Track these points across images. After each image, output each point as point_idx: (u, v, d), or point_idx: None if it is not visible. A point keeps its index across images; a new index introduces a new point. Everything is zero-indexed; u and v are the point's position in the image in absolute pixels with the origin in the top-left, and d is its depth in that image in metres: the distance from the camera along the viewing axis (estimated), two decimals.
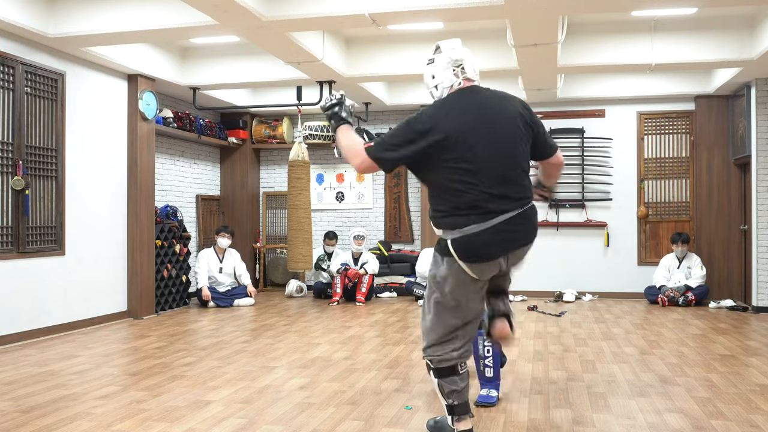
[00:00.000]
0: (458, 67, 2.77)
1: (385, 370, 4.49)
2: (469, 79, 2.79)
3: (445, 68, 2.78)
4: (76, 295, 6.26)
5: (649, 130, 8.60)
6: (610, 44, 6.63)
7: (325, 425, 3.31)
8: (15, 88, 5.59)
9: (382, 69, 7.11)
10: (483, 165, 2.64)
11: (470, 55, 2.82)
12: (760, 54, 6.24)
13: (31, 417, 3.47)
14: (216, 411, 3.56)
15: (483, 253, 2.68)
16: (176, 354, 5.08)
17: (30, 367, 4.65)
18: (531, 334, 5.89)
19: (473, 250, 2.67)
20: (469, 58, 2.80)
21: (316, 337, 5.78)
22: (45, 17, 5.63)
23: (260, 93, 9.06)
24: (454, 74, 2.77)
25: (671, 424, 3.33)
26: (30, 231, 5.73)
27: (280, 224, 9.76)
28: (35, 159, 5.81)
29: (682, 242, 7.95)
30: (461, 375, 2.87)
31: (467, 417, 2.88)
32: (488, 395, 3.69)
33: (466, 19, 5.69)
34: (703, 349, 5.21)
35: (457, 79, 2.77)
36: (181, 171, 8.54)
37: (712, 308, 7.62)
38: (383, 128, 9.38)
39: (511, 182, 2.69)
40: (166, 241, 7.51)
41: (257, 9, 5.05)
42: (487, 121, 2.69)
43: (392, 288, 8.75)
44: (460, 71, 2.77)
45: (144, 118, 7.09)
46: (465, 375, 2.89)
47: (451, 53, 2.79)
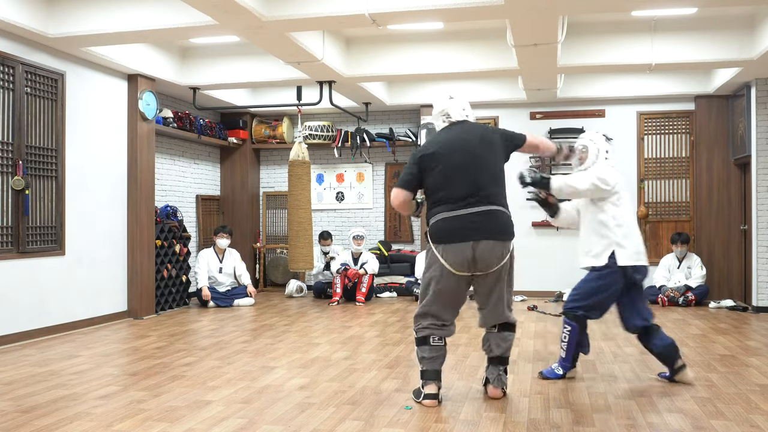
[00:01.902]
0: (444, 115, 3.83)
1: (385, 370, 4.49)
2: (452, 121, 3.80)
3: (436, 118, 3.90)
4: (76, 295, 6.26)
5: (649, 130, 8.60)
6: (610, 44, 6.63)
7: (325, 425, 3.31)
8: (15, 88, 5.59)
9: (382, 69, 7.11)
10: (454, 171, 3.58)
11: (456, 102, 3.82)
12: (760, 54, 6.24)
13: (31, 417, 3.47)
14: (216, 411, 3.56)
15: (446, 235, 3.54)
16: (176, 354, 5.08)
17: (30, 367, 4.65)
18: (531, 334, 5.89)
19: (440, 233, 3.57)
20: (453, 106, 3.81)
21: (316, 337, 5.78)
22: (45, 17, 5.63)
23: (260, 93, 9.06)
24: (442, 121, 3.85)
25: (671, 424, 3.33)
26: (30, 231, 5.73)
27: (280, 224, 9.76)
28: (35, 159, 5.81)
29: (682, 242, 7.95)
30: (432, 347, 3.65)
31: (433, 383, 3.65)
32: (553, 370, 4.24)
33: (466, 19, 5.69)
34: (703, 349, 5.21)
35: (443, 123, 3.84)
36: (181, 171, 8.54)
37: (712, 308, 7.62)
38: (383, 128, 9.38)
39: (479, 185, 3.55)
40: (166, 241, 7.51)
41: (257, 9, 5.05)
42: (460, 141, 3.67)
43: (392, 288, 8.75)
44: (445, 118, 3.83)
45: (144, 118, 7.09)
46: (437, 348, 3.65)
47: (440, 107, 3.85)
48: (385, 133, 9.19)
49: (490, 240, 3.51)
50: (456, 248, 3.52)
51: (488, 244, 3.51)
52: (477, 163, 3.59)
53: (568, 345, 4.18)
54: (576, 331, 4.14)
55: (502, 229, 3.57)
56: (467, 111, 3.84)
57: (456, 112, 3.80)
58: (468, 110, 3.84)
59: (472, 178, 3.56)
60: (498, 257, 3.55)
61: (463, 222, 3.52)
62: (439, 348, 3.66)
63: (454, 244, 3.52)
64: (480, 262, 3.53)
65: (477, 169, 3.58)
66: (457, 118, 3.79)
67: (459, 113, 3.80)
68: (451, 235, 3.53)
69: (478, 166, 3.59)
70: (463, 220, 3.52)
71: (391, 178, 9.41)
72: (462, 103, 3.85)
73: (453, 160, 3.59)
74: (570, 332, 4.16)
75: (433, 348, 3.65)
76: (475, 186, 3.55)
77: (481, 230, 3.52)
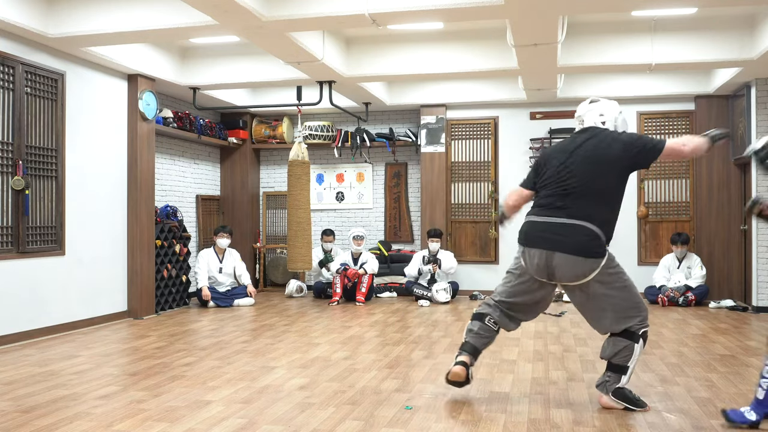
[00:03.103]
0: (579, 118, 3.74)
1: (385, 370, 4.49)
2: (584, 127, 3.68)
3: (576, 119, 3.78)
4: (76, 295, 6.26)
5: (649, 130, 8.60)
6: (610, 44, 6.63)
7: (325, 425, 3.31)
8: (15, 88, 5.59)
9: (382, 69, 7.11)
10: (549, 182, 3.56)
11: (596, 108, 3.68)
12: (760, 54, 6.24)
13: (31, 417, 3.47)
14: (216, 411, 3.56)
15: (523, 238, 3.59)
16: (176, 354, 5.08)
17: (30, 367, 4.65)
18: (531, 334, 5.89)
19: (521, 233, 3.62)
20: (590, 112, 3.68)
21: (316, 337, 5.78)
22: (45, 17, 5.63)
23: (260, 93, 9.06)
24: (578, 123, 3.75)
25: (671, 424, 3.33)
26: (30, 231, 5.73)
27: (280, 224, 9.76)
28: (35, 159, 5.81)
29: (682, 243, 7.95)
30: (483, 325, 3.70)
31: (468, 354, 3.70)
32: (742, 414, 3.26)
33: (466, 19, 5.69)
34: (703, 349, 5.21)
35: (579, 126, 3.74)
36: (181, 171, 8.54)
37: (712, 308, 7.62)
38: (383, 128, 9.38)
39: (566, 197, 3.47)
40: (166, 241, 7.51)
41: (257, 9, 5.05)
42: (568, 148, 3.59)
43: (392, 288, 8.75)
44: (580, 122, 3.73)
45: (144, 118, 7.09)
46: (487, 328, 3.70)
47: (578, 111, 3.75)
48: (385, 133, 9.19)
49: (561, 254, 3.42)
50: (532, 255, 3.52)
51: (561, 258, 3.43)
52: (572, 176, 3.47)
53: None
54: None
55: (574, 244, 3.41)
56: (607, 117, 3.64)
57: (590, 117, 3.66)
58: (609, 116, 3.64)
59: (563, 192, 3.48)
60: (569, 271, 3.44)
61: (538, 232, 3.51)
62: (490, 330, 3.69)
63: (530, 250, 3.53)
64: (551, 273, 3.50)
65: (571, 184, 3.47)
66: (588, 124, 3.65)
67: (593, 119, 3.65)
68: (524, 240, 3.58)
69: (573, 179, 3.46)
70: (538, 228, 3.52)
71: (391, 178, 9.41)
72: (602, 108, 3.66)
73: (549, 172, 3.57)
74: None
75: (483, 326, 3.69)
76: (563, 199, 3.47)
77: (550, 241, 3.46)
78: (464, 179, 9.01)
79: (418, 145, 9.15)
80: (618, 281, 3.48)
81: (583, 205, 3.43)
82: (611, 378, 3.55)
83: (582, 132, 3.65)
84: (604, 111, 3.65)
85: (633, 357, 3.49)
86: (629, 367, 3.51)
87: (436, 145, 8.92)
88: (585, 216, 3.42)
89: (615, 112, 3.67)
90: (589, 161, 3.47)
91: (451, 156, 9.01)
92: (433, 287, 8.04)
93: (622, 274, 3.52)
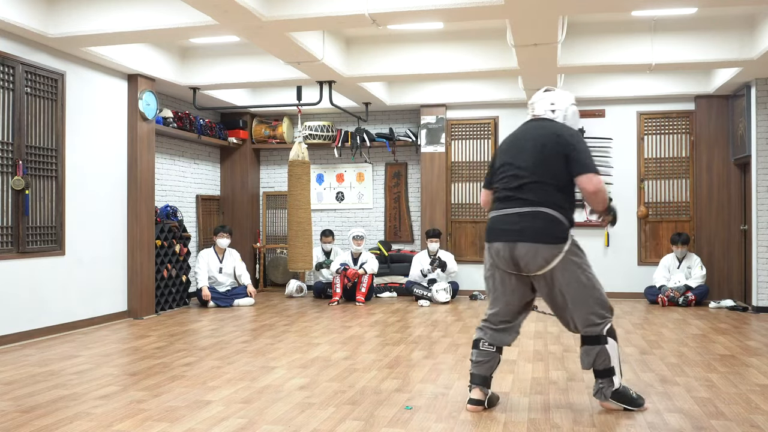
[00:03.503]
0: (531, 105, 3.67)
1: (385, 370, 4.49)
2: (534, 116, 3.63)
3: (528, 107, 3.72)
4: (76, 295, 6.26)
5: (649, 130, 8.60)
6: (610, 44, 6.63)
7: (325, 425, 3.31)
8: (15, 88, 5.59)
9: (382, 69, 7.11)
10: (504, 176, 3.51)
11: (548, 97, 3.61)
12: (760, 54, 6.24)
13: (31, 417, 3.47)
14: (216, 411, 3.56)
15: (486, 234, 3.55)
16: (176, 354, 5.08)
17: (30, 367, 4.65)
18: (531, 334, 5.89)
19: (486, 231, 3.58)
20: (542, 101, 3.61)
21: (316, 337, 5.77)
22: (45, 17, 5.63)
23: (260, 93, 9.06)
24: (530, 111, 3.69)
25: (671, 424, 3.33)
26: (30, 231, 5.73)
27: (280, 224, 9.76)
28: (35, 159, 5.81)
29: (682, 243, 7.95)
30: (479, 351, 3.58)
31: (477, 388, 3.57)
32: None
33: (466, 19, 5.69)
34: (703, 349, 5.21)
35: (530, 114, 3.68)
36: (181, 171, 8.54)
37: (712, 308, 7.62)
38: (383, 128, 9.38)
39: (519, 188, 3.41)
40: (166, 241, 7.51)
41: (257, 9, 5.05)
42: (516, 141, 3.56)
43: (392, 288, 8.75)
44: (531, 109, 3.66)
45: (144, 118, 7.09)
46: (483, 353, 3.57)
47: (532, 98, 3.68)
48: (385, 133, 9.19)
49: (522, 244, 3.34)
50: (494, 249, 3.46)
51: (522, 249, 3.34)
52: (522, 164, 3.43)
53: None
54: None
55: (533, 231, 3.34)
56: (557, 107, 3.56)
57: (541, 106, 3.59)
58: (559, 106, 3.56)
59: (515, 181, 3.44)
60: (530, 260, 3.36)
61: (497, 224, 3.46)
62: (488, 353, 3.55)
63: (492, 245, 3.47)
64: (514, 263, 3.41)
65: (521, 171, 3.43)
66: (538, 112, 3.59)
67: (544, 107, 3.57)
68: (488, 236, 3.52)
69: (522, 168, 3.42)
70: (498, 222, 3.47)
71: (391, 177, 9.41)
72: (554, 97, 3.59)
73: (500, 162, 3.55)
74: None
75: (481, 352, 3.56)
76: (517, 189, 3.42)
77: (509, 233, 3.39)
78: (464, 179, 9.01)
79: (418, 145, 9.15)
80: (582, 274, 3.39)
81: (539, 192, 3.37)
82: (604, 383, 3.50)
83: (530, 122, 3.63)
84: (555, 100, 3.57)
85: (612, 356, 3.43)
86: (614, 367, 3.45)
87: (436, 145, 8.93)
88: (541, 202, 3.36)
89: (567, 103, 3.58)
90: (537, 150, 3.42)
91: (451, 156, 9.01)
92: (433, 287, 8.04)
93: (588, 268, 3.44)
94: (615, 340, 3.45)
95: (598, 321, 3.41)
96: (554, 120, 3.56)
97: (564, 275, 3.38)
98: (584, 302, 3.40)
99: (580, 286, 3.39)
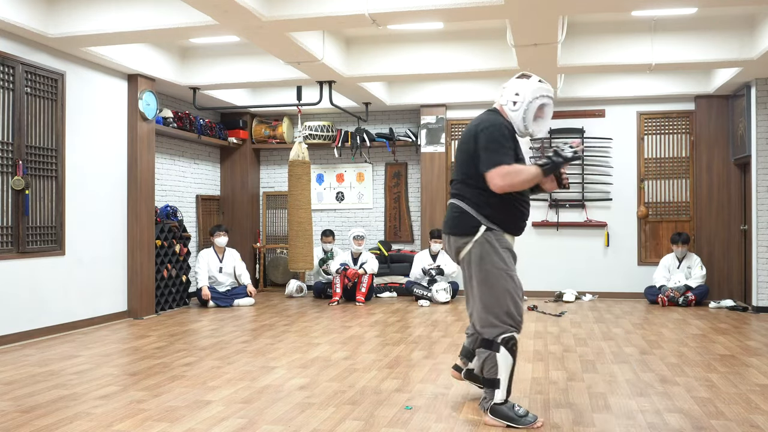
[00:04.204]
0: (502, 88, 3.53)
1: (385, 370, 4.49)
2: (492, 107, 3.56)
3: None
4: (76, 295, 6.26)
5: (649, 130, 8.60)
6: (610, 44, 6.63)
7: (325, 425, 3.31)
8: (15, 88, 5.59)
9: (382, 69, 7.11)
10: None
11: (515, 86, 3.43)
12: (760, 54, 6.24)
13: (31, 417, 3.47)
14: (216, 411, 3.56)
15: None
16: (176, 354, 5.08)
17: (30, 367, 4.65)
18: (531, 334, 5.89)
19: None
20: (507, 89, 3.46)
21: (316, 337, 5.78)
22: (45, 17, 5.63)
23: (260, 93, 9.06)
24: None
25: (671, 424, 3.33)
26: (30, 231, 5.73)
27: (280, 224, 9.76)
28: (35, 159, 5.81)
29: (682, 243, 7.95)
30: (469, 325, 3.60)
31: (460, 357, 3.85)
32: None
33: (466, 19, 5.69)
34: (703, 349, 5.21)
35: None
36: (181, 171, 8.54)
37: (712, 308, 7.62)
38: (383, 128, 9.38)
39: (451, 182, 3.54)
40: (166, 241, 7.51)
41: (257, 9, 5.05)
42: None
43: (392, 288, 8.75)
44: (499, 95, 3.52)
45: (144, 118, 7.09)
46: (469, 328, 3.64)
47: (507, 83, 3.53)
48: (385, 133, 9.19)
49: (447, 235, 3.50)
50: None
51: (445, 237, 3.53)
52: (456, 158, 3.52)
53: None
54: None
55: (451, 222, 3.44)
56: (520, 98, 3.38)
57: (506, 95, 3.46)
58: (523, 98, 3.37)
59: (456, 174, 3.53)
60: (453, 253, 3.49)
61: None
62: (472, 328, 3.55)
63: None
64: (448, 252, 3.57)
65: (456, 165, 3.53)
66: (500, 101, 3.48)
67: (507, 97, 3.43)
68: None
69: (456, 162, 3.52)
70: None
71: (391, 177, 9.41)
72: (521, 87, 3.40)
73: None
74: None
75: (469, 327, 3.68)
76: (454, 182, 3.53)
77: (444, 224, 3.56)
78: None
79: (418, 145, 9.15)
80: (490, 272, 3.29)
81: (458, 186, 3.46)
82: (487, 395, 3.35)
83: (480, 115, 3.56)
84: (521, 90, 3.38)
85: (500, 368, 3.25)
86: (500, 380, 3.26)
87: (436, 145, 8.92)
88: (458, 195, 3.44)
89: (531, 96, 3.36)
90: (459, 147, 3.49)
91: (451, 156, 9.01)
92: (433, 287, 8.05)
93: (501, 270, 3.29)
94: (511, 355, 3.27)
95: (496, 323, 3.28)
96: (501, 111, 3.44)
97: (474, 268, 3.34)
98: (486, 301, 3.30)
99: (486, 285, 3.30)
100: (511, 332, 3.28)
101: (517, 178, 3.22)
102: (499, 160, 3.23)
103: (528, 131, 3.42)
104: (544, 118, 3.44)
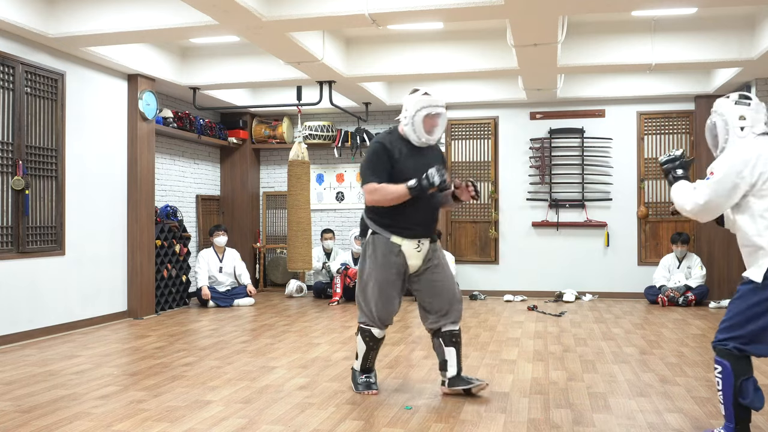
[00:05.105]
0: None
1: (385, 370, 4.49)
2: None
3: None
4: (76, 295, 6.26)
5: (649, 130, 8.60)
6: (610, 44, 6.63)
7: (325, 425, 3.31)
8: (15, 88, 5.59)
9: (382, 69, 7.11)
10: None
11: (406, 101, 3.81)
12: (760, 54, 6.24)
13: (31, 417, 3.47)
14: (216, 411, 3.56)
15: None
16: (176, 354, 5.08)
17: (30, 367, 4.65)
18: (531, 334, 5.89)
19: None
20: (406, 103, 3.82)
21: (316, 337, 5.78)
22: (45, 17, 5.63)
23: (260, 93, 9.06)
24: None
25: (671, 424, 3.33)
26: (30, 231, 5.73)
27: (280, 224, 9.76)
28: (35, 159, 5.81)
29: (682, 242, 7.95)
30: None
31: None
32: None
33: (466, 19, 5.69)
34: (703, 349, 5.21)
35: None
36: (181, 171, 8.54)
37: (712, 308, 7.62)
38: (383, 128, 9.38)
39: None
40: (166, 241, 7.51)
41: (257, 9, 5.05)
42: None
43: None
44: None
45: (144, 118, 7.09)
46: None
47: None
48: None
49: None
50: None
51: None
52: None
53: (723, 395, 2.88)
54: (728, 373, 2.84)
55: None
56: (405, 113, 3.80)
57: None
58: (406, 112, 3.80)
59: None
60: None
61: None
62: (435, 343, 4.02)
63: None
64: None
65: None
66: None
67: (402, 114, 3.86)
68: None
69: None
70: None
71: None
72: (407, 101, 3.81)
73: None
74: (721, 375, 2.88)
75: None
76: None
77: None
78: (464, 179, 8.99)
79: None
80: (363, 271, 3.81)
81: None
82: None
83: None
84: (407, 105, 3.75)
85: (358, 348, 3.91)
86: (357, 353, 3.93)
87: None
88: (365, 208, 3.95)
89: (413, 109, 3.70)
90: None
91: (451, 156, 9.01)
92: None
93: (368, 271, 3.77)
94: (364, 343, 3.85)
95: (359, 313, 3.88)
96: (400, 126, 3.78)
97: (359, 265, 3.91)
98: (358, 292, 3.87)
99: (361, 280, 3.84)
100: (366, 327, 3.84)
101: (383, 195, 3.65)
102: (369, 179, 3.70)
103: (422, 140, 3.73)
104: (438, 126, 3.73)
